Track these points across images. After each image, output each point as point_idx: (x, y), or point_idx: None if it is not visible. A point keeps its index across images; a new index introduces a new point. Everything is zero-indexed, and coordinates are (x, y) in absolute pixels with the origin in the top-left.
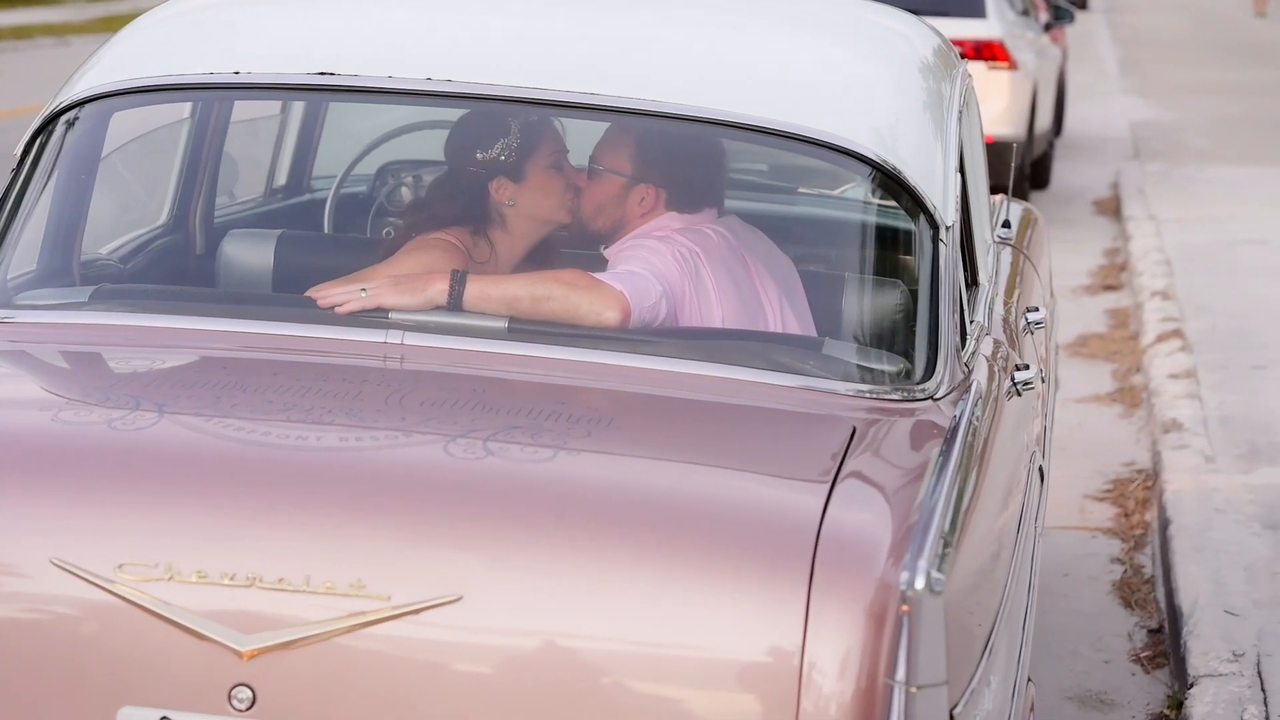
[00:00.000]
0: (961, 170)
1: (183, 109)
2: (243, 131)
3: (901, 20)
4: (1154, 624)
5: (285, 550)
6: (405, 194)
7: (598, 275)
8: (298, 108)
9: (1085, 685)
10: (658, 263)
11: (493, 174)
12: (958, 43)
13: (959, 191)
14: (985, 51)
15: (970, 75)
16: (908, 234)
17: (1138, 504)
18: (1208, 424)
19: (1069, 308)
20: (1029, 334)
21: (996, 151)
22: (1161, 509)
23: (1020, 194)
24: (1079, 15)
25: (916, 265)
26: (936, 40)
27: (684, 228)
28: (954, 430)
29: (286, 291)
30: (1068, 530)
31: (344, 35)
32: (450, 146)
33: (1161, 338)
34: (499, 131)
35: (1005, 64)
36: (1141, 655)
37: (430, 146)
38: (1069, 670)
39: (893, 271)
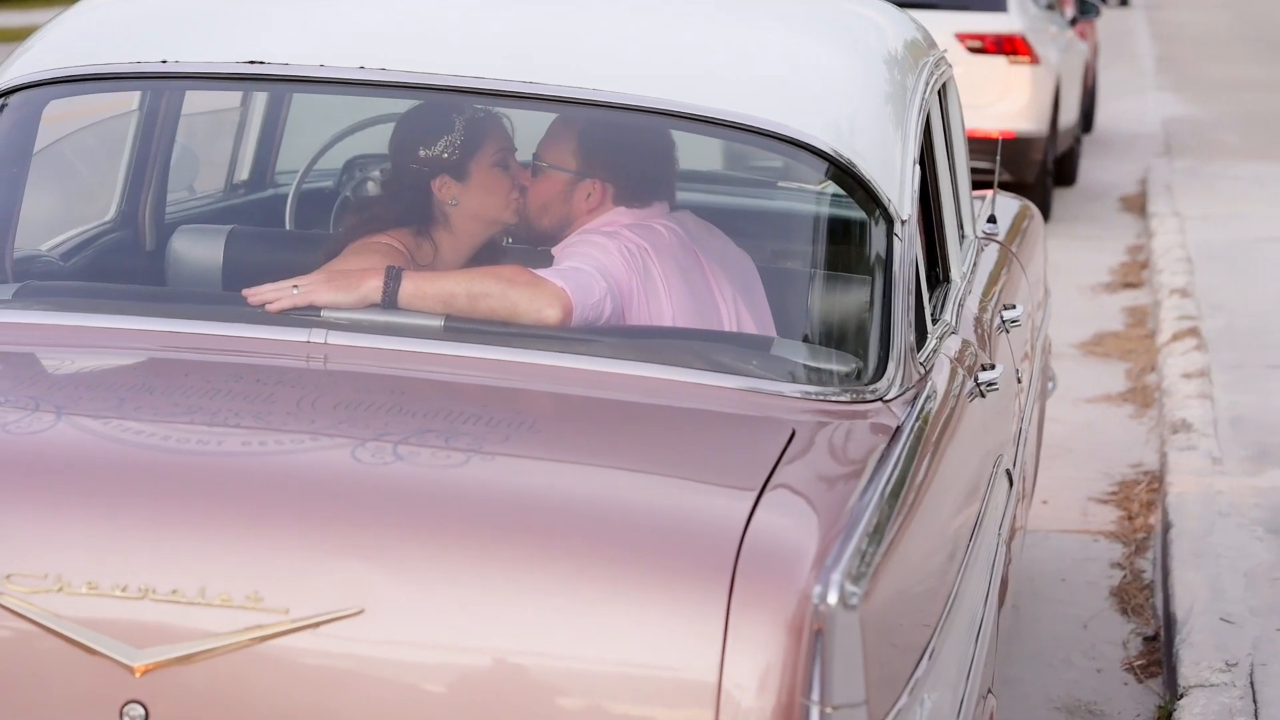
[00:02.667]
0: (931, 163)
1: (132, 99)
2: (208, 124)
3: (870, 7)
4: (1150, 631)
5: (180, 560)
6: (372, 188)
7: (539, 272)
8: (260, 98)
9: (1075, 695)
10: (603, 259)
11: (436, 172)
12: (978, 37)
13: (918, 185)
14: (1006, 46)
15: (949, 65)
16: (861, 229)
17: (1142, 507)
18: (1218, 425)
19: (1087, 306)
20: (1004, 333)
21: (1017, 148)
22: (1164, 512)
23: (1043, 190)
24: (1120, 12)
25: (870, 261)
26: (909, 28)
27: (633, 223)
28: (898, 433)
29: (236, 290)
30: (1068, 534)
31: (275, 22)
32: (393, 144)
33: (1177, 336)
34: (442, 128)
35: (1027, 58)
36: (1135, 664)
37: None
38: (1059, 679)
39: (845, 267)
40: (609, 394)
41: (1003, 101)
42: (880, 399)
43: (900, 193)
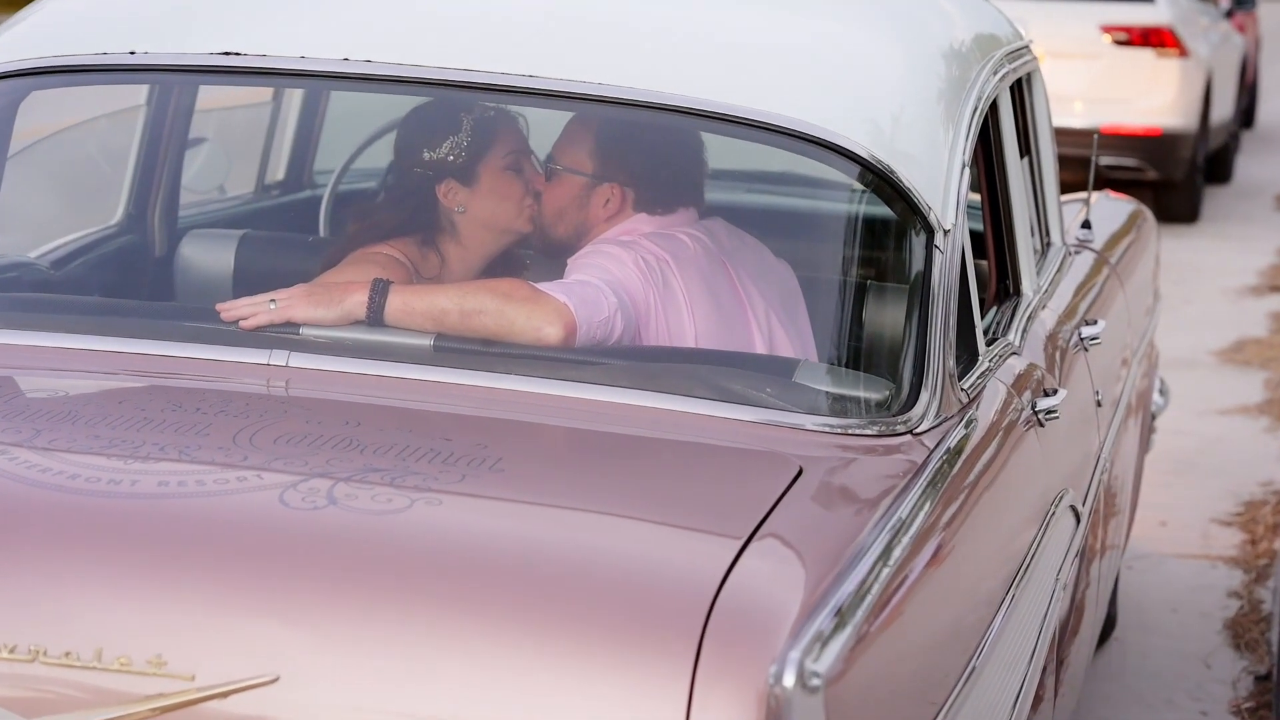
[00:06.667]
0: (999, 165)
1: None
2: (247, 118)
3: None
4: (1263, 669)
5: (74, 618)
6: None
7: (542, 286)
8: (295, 93)
9: None
10: (616, 271)
11: (441, 176)
12: (1124, 29)
13: (965, 191)
14: (1153, 38)
15: (1033, 57)
16: (898, 239)
17: (1268, 530)
18: None
19: (1230, 310)
20: (1082, 351)
21: (1164, 145)
22: None
23: (1193, 189)
24: None
25: (907, 275)
26: (985, 17)
27: (654, 232)
28: (922, 471)
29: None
30: (1185, 559)
31: (254, 11)
32: (397, 145)
33: None
34: (449, 128)
35: (1175, 51)
36: (1243, 706)
37: None
38: None
39: (878, 282)
40: (599, 426)
41: (1149, 96)
42: (910, 431)
43: (944, 200)
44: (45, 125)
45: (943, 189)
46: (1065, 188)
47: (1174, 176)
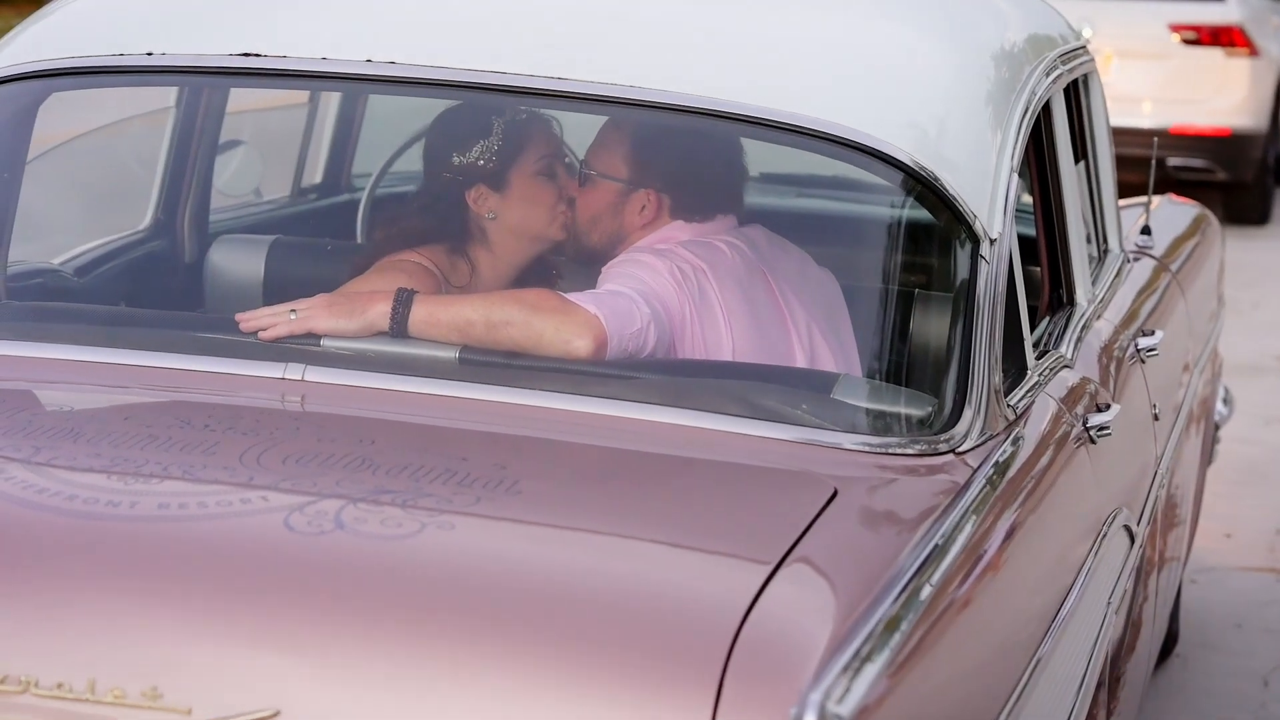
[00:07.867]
0: (1052, 170)
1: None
2: (282, 121)
3: None
4: None
5: (67, 648)
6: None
7: (572, 296)
8: (333, 95)
9: None
10: (651, 281)
11: (471, 182)
12: (1193, 28)
13: (1014, 198)
14: (1223, 37)
15: (1089, 57)
16: (943, 248)
17: None
18: None
19: None
20: (1139, 364)
21: (1234, 145)
22: None
23: (1263, 190)
24: None
25: (951, 286)
26: (1041, 16)
27: (691, 239)
28: (964, 492)
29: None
30: (1251, 572)
31: (275, 10)
32: (426, 150)
33: None
34: (479, 131)
35: (1245, 50)
36: None
37: None
38: None
39: (922, 293)
40: (626, 445)
41: (1218, 96)
42: (953, 450)
43: (990, 208)
44: (75, 128)
45: (989, 196)
46: (1133, 189)
47: (1244, 177)
